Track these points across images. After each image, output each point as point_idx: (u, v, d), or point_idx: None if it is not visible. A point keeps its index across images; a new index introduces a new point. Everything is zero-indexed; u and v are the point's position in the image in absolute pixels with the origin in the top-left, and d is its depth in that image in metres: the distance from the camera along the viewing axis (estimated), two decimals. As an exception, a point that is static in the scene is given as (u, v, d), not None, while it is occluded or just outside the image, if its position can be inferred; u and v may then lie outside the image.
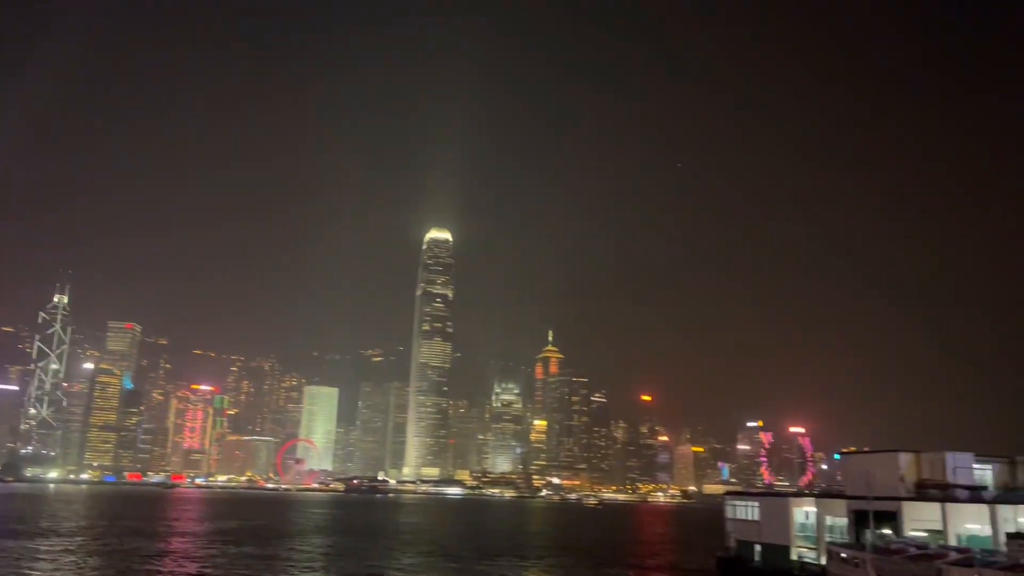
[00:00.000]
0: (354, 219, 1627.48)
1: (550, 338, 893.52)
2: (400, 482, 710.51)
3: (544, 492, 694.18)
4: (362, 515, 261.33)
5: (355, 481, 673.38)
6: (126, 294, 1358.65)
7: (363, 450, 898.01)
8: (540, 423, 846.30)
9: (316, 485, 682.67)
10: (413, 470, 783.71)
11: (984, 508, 65.33)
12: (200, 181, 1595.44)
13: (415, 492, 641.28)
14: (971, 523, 65.60)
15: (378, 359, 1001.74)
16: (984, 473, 77.14)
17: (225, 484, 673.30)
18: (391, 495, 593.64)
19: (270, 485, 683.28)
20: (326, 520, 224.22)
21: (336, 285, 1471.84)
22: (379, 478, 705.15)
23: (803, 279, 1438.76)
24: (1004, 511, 64.34)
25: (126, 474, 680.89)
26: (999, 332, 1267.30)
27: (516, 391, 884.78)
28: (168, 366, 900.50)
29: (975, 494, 68.73)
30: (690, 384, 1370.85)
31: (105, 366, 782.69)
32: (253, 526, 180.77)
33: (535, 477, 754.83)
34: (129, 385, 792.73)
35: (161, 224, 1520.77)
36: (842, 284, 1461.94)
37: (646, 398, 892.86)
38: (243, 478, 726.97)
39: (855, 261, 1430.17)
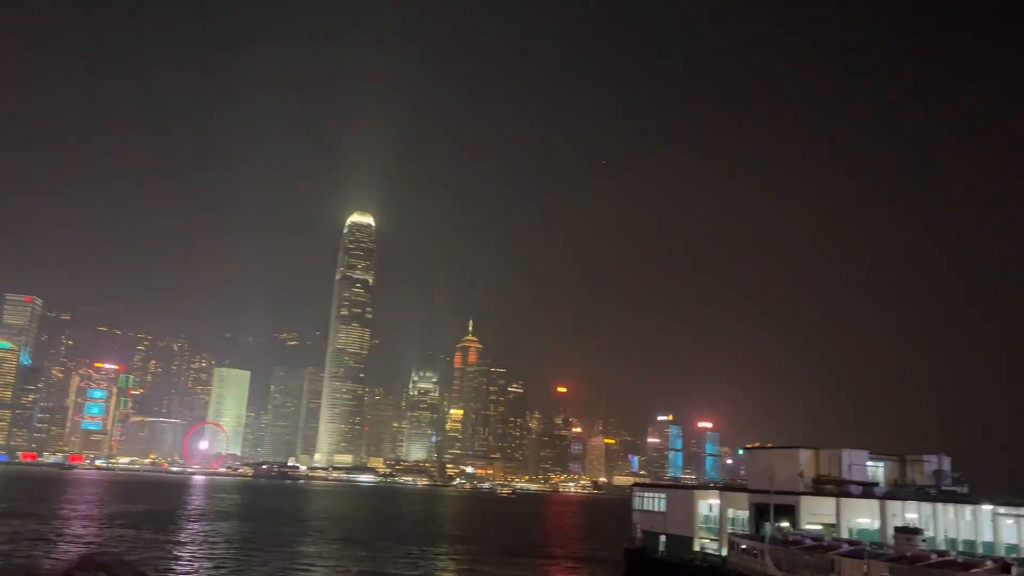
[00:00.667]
0: (273, 199, 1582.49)
1: (470, 328, 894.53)
2: (311, 468, 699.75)
3: (457, 481, 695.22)
4: (270, 501, 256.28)
5: (264, 466, 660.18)
6: (27, 265, 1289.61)
7: (274, 435, 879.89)
8: (456, 412, 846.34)
9: (223, 469, 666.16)
10: (325, 456, 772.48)
11: (875, 503, 68.33)
12: (111, 154, 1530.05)
13: (326, 479, 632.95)
14: (862, 517, 68.56)
15: (293, 343, 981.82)
16: (878, 470, 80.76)
17: (127, 466, 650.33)
18: (301, 481, 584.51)
19: (175, 468, 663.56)
20: (232, 505, 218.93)
21: (252, 265, 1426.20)
22: (289, 464, 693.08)
23: (717, 282, 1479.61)
24: (893, 506, 67.45)
25: (20, 454, 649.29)
26: (899, 338, 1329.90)
27: (434, 380, 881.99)
28: (70, 343, 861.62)
29: (867, 490, 71.82)
30: (605, 378, 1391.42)
31: (1, 340, 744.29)
32: (154, 510, 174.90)
33: (449, 466, 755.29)
34: (27, 361, 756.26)
35: (68, 195, 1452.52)
36: (756, 285, 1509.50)
37: (562, 390, 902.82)
38: (147, 461, 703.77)
39: (764, 267, 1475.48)
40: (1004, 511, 65.27)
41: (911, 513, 67.57)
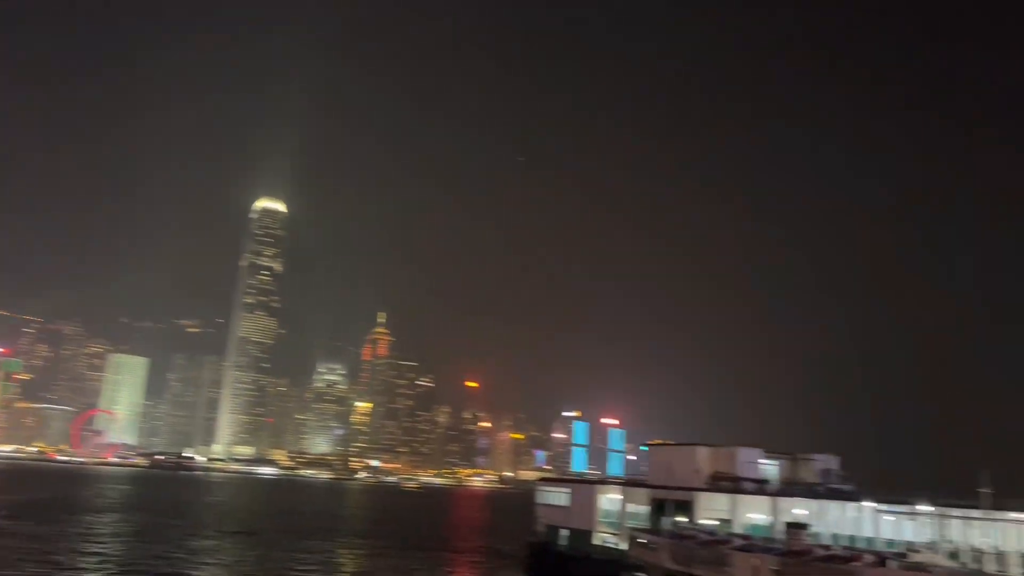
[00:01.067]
0: (177, 180, 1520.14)
1: (381, 320, 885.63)
2: (210, 460, 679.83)
3: (362, 474, 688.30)
4: (164, 492, 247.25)
5: (159, 457, 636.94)
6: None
7: (171, 425, 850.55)
8: (364, 405, 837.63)
9: (115, 459, 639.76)
10: (225, 448, 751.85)
11: (767, 500, 70.96)
12: (3, 133, 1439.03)
13: (225, 471, 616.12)
14: (755, 513, 71.06)
15: (194, 330, 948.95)
16: (772, 468, 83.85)
17: (10, 455, 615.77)
18: (199, 473, 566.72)
19: (62, 458, 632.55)
20: (123, 496, 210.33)
21: (152, 247, 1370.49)
22: (187, 454, 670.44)
23: (625, 281, 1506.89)
24: (784, 503, 70.17)
25: None
26: (802, 341, 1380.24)
27: (341, 371, 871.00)
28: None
29: (760, 487, 74.53)
30: (517, 374, 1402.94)
31: None
32: (37, 500, 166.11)
33: (354, 459, 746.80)
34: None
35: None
36: (664, 283, 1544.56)
37: (472, 385, 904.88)
38: (32, 449, 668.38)
39: (673, 264, 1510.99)
40: (884, 508, 68.72)
41: (800, 509, 70.36)
